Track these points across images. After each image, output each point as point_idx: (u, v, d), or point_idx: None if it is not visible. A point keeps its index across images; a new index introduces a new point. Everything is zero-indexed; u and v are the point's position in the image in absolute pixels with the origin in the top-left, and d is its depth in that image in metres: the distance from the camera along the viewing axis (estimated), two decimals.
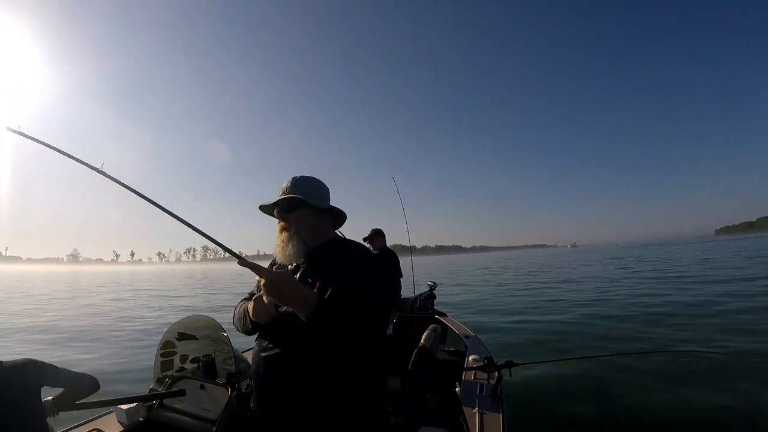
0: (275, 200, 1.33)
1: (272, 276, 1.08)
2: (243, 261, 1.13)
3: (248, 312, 1.25)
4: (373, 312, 1.18)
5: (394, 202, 5.15)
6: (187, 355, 2.33)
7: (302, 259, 1.31)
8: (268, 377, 1.22)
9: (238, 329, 1.37)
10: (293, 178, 1.37)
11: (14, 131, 1.24)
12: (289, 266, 1.28)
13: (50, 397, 1.62)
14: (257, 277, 1.14)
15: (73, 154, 1.26)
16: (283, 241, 1.30)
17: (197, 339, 2.33)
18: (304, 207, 1.31)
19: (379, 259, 4.40)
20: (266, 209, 1.38)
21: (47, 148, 1.26)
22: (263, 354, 1.24)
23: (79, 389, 1.67)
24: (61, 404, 1.63)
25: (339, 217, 1.41)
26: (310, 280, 1.21)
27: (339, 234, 1.41)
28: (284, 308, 1.17)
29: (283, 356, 1.20)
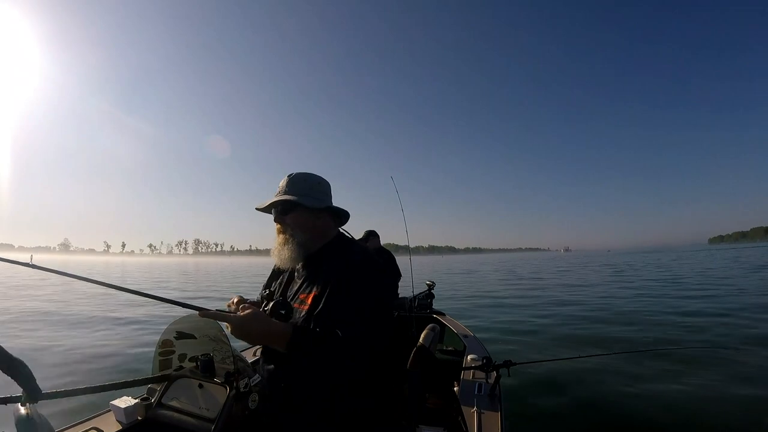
0: (269, 202, 1.27)
1: (237, 321, 1.02)
2: (204, 312, 1.11)
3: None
4: (365, 336, 1.08)
5: (390, 202, 5.15)
6: (186, 354, 2.30)
7: (300, 263, 1.28)
8: (270, 388, 1.27)
9: None
10: (289, 176, 1.29)
11: None
12: (259, 296, 1.26)
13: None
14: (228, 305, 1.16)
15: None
16: (280, 244, 1.25)
17: (196, 338, 2.31)
18: (300, 208, 1.24)
19: (373, 264, 4.39)
20: (264, 210, 1.32)
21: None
22: (267, 367, 1.28)
23: None
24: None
25: (341, 215, 1.33)
26: (305, 285, 1.21)
27: (343, 232, 1.33)
28: None
29: (280, 371, 1.22)
